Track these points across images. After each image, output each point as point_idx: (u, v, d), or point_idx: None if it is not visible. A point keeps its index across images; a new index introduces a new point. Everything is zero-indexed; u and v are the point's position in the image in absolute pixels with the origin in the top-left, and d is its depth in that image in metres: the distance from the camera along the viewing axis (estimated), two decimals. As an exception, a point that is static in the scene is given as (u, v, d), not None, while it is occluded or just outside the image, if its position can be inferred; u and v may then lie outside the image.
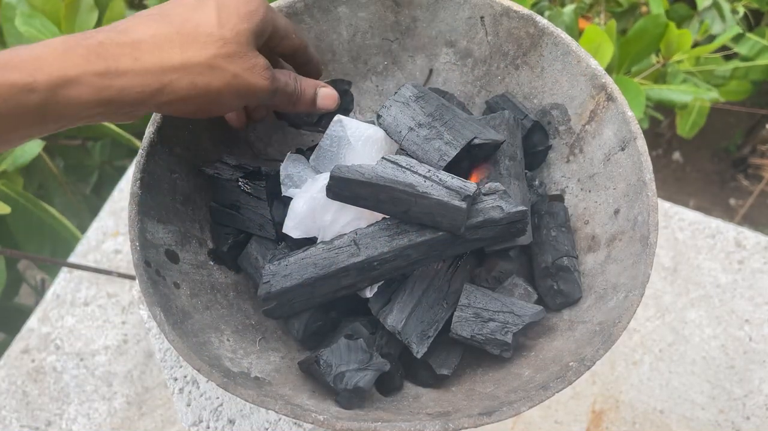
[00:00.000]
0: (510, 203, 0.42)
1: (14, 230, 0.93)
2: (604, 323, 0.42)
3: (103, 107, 0.35)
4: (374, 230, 0.43)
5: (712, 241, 0.95)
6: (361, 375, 0.41)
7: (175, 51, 0.37)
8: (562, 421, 0.84)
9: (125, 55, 0.35)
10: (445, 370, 0.46)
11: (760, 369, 0.86)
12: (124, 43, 0.35)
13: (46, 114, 0.33)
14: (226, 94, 0.39)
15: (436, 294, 0.45)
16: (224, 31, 0.38)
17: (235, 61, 0.39)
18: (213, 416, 0.54)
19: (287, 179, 0.49)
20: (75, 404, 0.86)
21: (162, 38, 0.37)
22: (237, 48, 0.39)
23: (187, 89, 0.37)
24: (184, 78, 0.37)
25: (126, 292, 0.94)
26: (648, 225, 0.44)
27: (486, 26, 0.54)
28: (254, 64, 0.40)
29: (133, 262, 0.42)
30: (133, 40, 0.36)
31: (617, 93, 0.48)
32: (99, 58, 0.34)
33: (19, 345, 0.90)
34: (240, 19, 0.39)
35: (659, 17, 1.07)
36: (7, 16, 0.96)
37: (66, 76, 0.33)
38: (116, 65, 0.34)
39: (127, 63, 0.35)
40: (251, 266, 0.49)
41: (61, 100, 0.33)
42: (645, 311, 0.91)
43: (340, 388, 0.41)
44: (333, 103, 0.47)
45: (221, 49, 0.38)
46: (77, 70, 0.33)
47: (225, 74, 0.38)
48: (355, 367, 0.41)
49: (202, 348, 0.40)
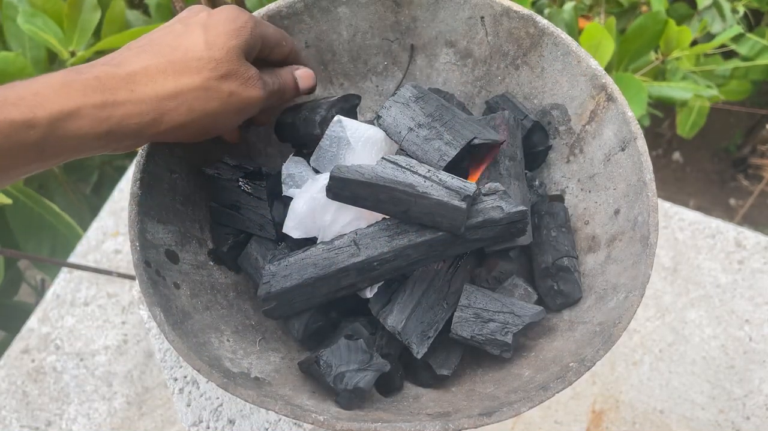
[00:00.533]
0: (510, 203, 0.42)
1: (14, 227, 0.93)
2: (604, 323, 0.42)
3: (102, 140, 0.35)
4: (374, 230, 0.43)
5: (712, 241, 0.95)
6: (361, 376, 0.41)
7: (168, 80, 0.37)
8: (562, 421, 0.84)
9: (122, 87, 0.36)
10: (445, 370, 0.46)
11: (760, 369, 0.86)
12: (120, 76, 0.36)
13: (45, 149, 0.33)
14: (223, 113, 0.40)
15: (436, 295, 0.45)
16: (213, 53, 0.39)
17: (228, 79, 0.39)
18: (213, 416, 0.54)
19: (288, 178, 0.49)
20: (75, 404, 0.86)
21: (154, 69, 0.37)
22: (229, 66, 0.39)
23: (185, 115, 0.38)
24: (182, 105, 0.37)
25: (126, 292, 0.94)
26: (648, 225, 0.44)
27: (486, 26, 0.54)
28: (247, 78, 0.40)
29: (133, 262, 0.42)
30: (128, 73, 0.36)
31: (617, 93, 0.48)
32: (96, 91, 0.34)
33: (19, 345, 0.90)
34: (228, 37, 0.39)
35: (659, 14, 1.07)
36: (8, 15, 0.96)
37: (65, 110, 0.33)
38: (114, 97, 0.35)
39: (124, 95, 0.36)
40: (251, 266, 0.49)
41: (60, 134, 0.33)
42: (645, 311, 0.91)
43: (340, 388, 0.41)
44: (312, 80, 0.48)
45: (213, 71, 0.38)
46: (76, 103, 0.33)
47: (221, 94, 0.39)
48: (356, 368, 0.41)
49: (202, 349, 0.40)
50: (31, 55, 0.97)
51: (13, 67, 0.89)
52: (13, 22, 0.96)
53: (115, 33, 0.99)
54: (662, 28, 1.07)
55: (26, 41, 0.97)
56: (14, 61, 0.89)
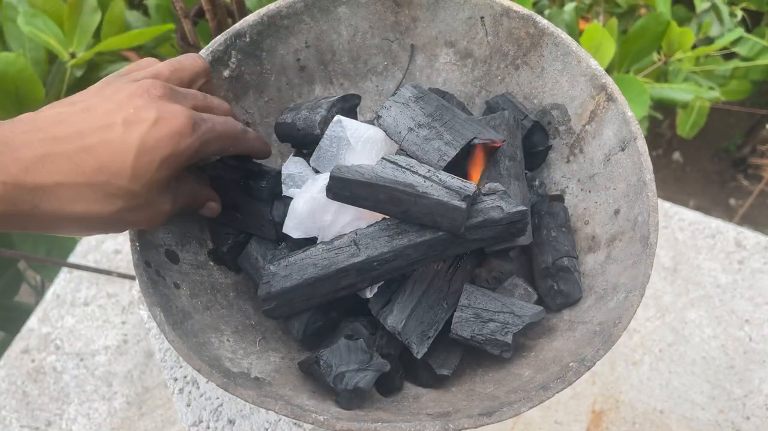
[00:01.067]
0: (510, 203, 0.42)
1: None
2: (604, 323, 0.42)
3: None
4: (374, 230, 0.43)
5: (712, 241, 0.95)
6: (361, 376, 0.41)
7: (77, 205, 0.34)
8: (562, 421, 0.84)
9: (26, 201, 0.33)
10: (446, 370, 0.46)
11: (760, 369, 0.86)
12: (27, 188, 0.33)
13: None
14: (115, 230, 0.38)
15: (436, 295, 0.45)
16: (136, 186, 0.35)
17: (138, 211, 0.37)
18: (213, 416, 0.54)
19: (288, 178, 0.49)
20: (75, 404, 0.86)
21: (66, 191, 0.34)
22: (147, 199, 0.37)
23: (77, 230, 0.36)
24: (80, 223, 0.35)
25: (126, 292, 0.94)
26: (648, 225, 0.44)
27: (486, 26, 0.54)
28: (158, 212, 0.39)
29: (133, 262, 0.42)
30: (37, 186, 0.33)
31: (617, 93, 0.48)
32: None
33: (19, 345, 0.90)
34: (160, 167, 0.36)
35: (661, 15, 1.07)
36: (7, 16, 0.96)
37: None
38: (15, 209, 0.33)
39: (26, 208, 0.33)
40: (251, 266, 0.49)
41: None
42: (645, 311, 0.91)
43: (340, 388, 0.41)
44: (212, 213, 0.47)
45: (128, 202, 0.36)
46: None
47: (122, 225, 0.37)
48: (355, 367, 0.41)
49: (202, 349, 0.40)
50: (31, 56, 0.97)
51: (13, 68, 0.89)
52: (13, 23, 0.96)
53: (114, 34, 0.99)
54: (664, 30, 1.07)
55: (26, 42, 0.97)
56: (14, 62, 0.89)
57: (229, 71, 0.52)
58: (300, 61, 0.55)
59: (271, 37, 0.53)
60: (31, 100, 0.94)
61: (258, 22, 0.52)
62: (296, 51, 0.55)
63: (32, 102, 0.95)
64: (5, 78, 0.89)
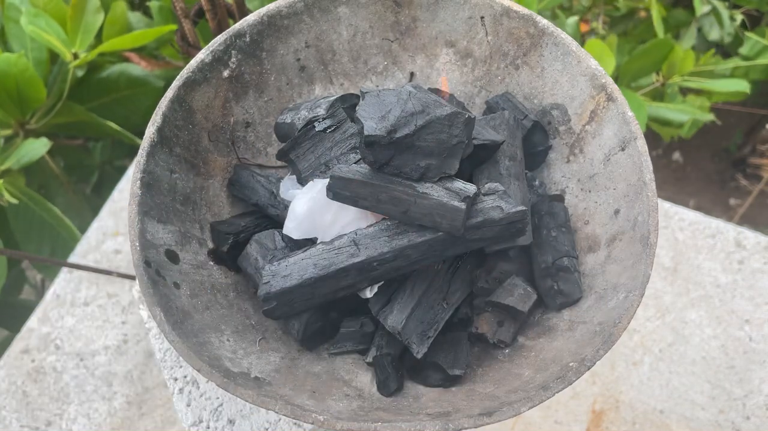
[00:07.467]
0: (510, 203, 0.42)
1: (15, 229, 0.93)
2: (604, 323, 0.42)
3: None
4: (374, 230, 0.43)
5: (712, 241, 0.95)
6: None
7: None
8: (562, 421, 0.84)
9: None
10: (458, 370, 0.45)
11: (760, 369, 0.86)
12: None
13: None
14: None
15: (436, 295, 0.45)
16: None
17: None
18: (213, 416, 0.54)
19: (287, 196, 0.50)
20: (75, 404, 0.86)
21: None
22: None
23: None
24: None
25: (126, 292, 0.94)
26: (648, 225, 0.44)
27: (486, 26, 0.54)
28: None
29: (133, 262, 0.42)
30: None
31: (617, 93, 0.48)
32: None
33: (19, 345, 0.90)
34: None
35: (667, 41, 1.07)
36: (10, 16, 0.96)
37: None
38: None
39: None
40: (251, 266, 0.49)
41: None
42: (645, 311, 0.91)
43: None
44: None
45: None
46: None
47: None
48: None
49: (202, 348, 0.40)
50: (33, 57, 0.97)
51: (15, 69, 0.89)
52: (16, 24, 0.96)
53: (116, 35, 0.99)
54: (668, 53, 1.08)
55: (28, 43, 0.97)
56: (16, 62, 0.89)
57: (229, 71, 0.52)
58: (300, 61, 0.56)
59: (271, 37, 0.53)
60: (32, 101, 0.94)
61: (258, 22, 0.52)
62: (296, 51, 0.55)
63: (34, 102, 0.95)
64: (7, 78, 0.89)
